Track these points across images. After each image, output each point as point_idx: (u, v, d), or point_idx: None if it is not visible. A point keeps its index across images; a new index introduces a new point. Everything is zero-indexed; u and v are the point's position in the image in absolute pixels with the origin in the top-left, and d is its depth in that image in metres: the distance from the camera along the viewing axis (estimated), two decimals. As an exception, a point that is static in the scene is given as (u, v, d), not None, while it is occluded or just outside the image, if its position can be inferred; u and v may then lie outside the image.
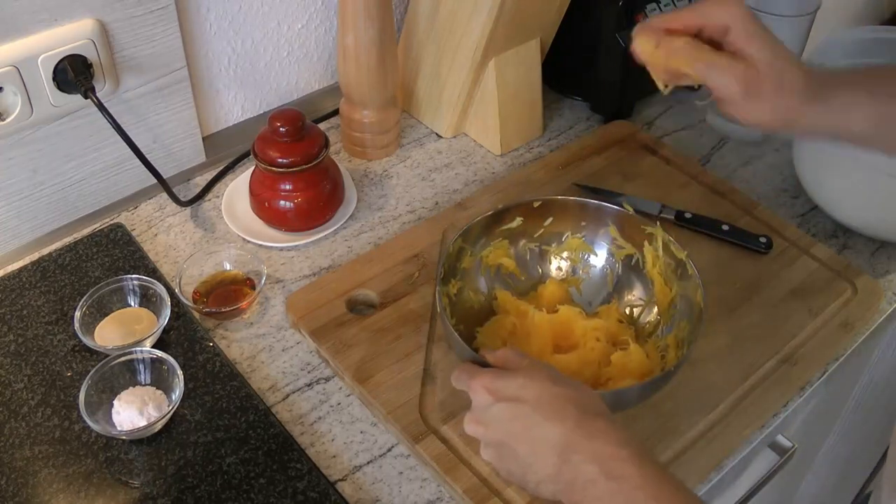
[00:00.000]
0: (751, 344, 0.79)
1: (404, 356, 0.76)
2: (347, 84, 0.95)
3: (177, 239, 0.89)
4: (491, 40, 0.94)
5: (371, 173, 0.99)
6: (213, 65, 0.95)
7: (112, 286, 0.78)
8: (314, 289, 0.81)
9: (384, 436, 0.72)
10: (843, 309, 0.83)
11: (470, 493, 0.66)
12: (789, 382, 0.76)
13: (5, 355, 0.76)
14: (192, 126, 0.93)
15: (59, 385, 0.74)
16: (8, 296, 0.81)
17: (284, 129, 0.84)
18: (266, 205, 0.88)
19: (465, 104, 1.01)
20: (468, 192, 0.96)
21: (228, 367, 0.76)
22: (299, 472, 0.68)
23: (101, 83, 0.81)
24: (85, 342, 0.74)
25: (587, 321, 0.77)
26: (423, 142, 1.04)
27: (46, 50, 0.76)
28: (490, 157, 1.02)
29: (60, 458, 0.68)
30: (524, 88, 1.02)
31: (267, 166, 0.85)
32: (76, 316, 0.75)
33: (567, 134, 1.06)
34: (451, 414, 0.71)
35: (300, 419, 0.73)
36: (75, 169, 0.86)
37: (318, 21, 1.02)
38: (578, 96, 1.11)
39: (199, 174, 0.97)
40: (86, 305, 0.76)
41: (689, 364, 0.77)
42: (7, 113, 0.77)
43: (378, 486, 0.69)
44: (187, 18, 0.89)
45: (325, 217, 0.90)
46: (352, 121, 0.97)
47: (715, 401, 0.74)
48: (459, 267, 0.78)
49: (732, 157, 1.04)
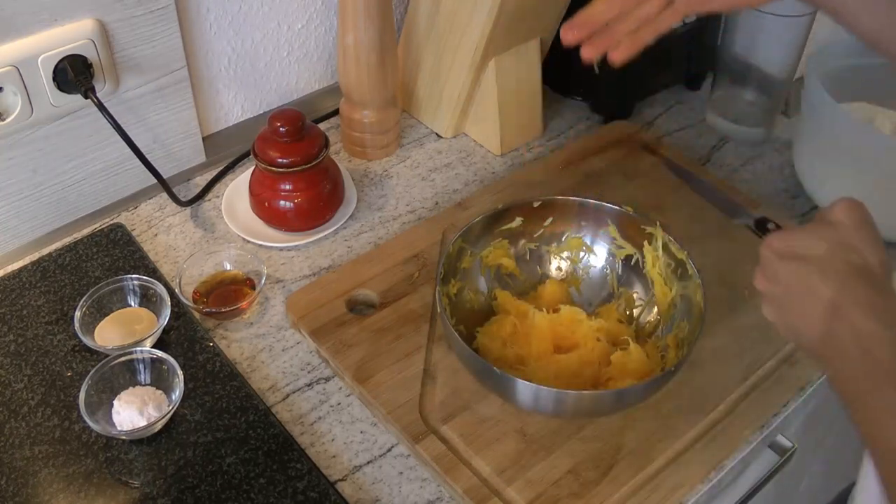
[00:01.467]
0: (751, 344, 0.79)
1: (404, 356, 0.76)
2: (347, 84, 0.95)
3: (177, 239, 0.89)
4: (491, 40, 0.94)
5: (371, 173, 0.99)
6: (213, 65, 0.95)
7: (112, 286, 0.78)
8: (314, 289, 0.81)
9: (384, 436, 0.72)
10: (843, 309, 0.82)
11: (470, 493, 0.66)
12: (789, 382, 0.76)
13: (5, 355, 0.76)
14: (192, 126, 0.93)
15: (59, 385, 0.74)
16: (8, 296, 0.81)
17: (284, 129, 0.84)
18: (266, 205, 0.88)
19: (465, 104, 1.01)
20: (468, 192, 0.96)
21: (228, 367, 0.76)
22: (299, 472, 0.68)
23: (101, 83, 0.81)
24: (85, 342, 0.74)
25: (587, 321, 0.77)
26: (423, 142, 1.04)
27: (46, 50, 0.76)
28: (490, 157, 1.02)
29: (60, 458, 0.68)
30: (524, 88, 1.02)
31: (267, 166, 0.85)
32: (76, 316, 0.75)
33: (567, 134, 1.06)
34: (451, 414, 0.71)
35: (300, 419, 0.73)
36: (75, 169, 0.86)
37: (318, 21, 1.02)
38: (578, 96, 1.10)
39: (199, 174, 0.97)
40: (86, 305, 0.76)
41: (689, 364, 0.76)
42: (7, 113, 0.77)
43: (378, 486, 0.69)
44: (187, 18, 0.89)
45: (325, 217, 0.90)
46: (352, 121, 0.97)
47: (715, 401, 0.74)
48: (459, 267, 0.78)
49: (732, 157, 1.04)
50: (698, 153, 1.04)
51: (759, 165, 1.03)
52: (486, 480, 0.67)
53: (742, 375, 0.76)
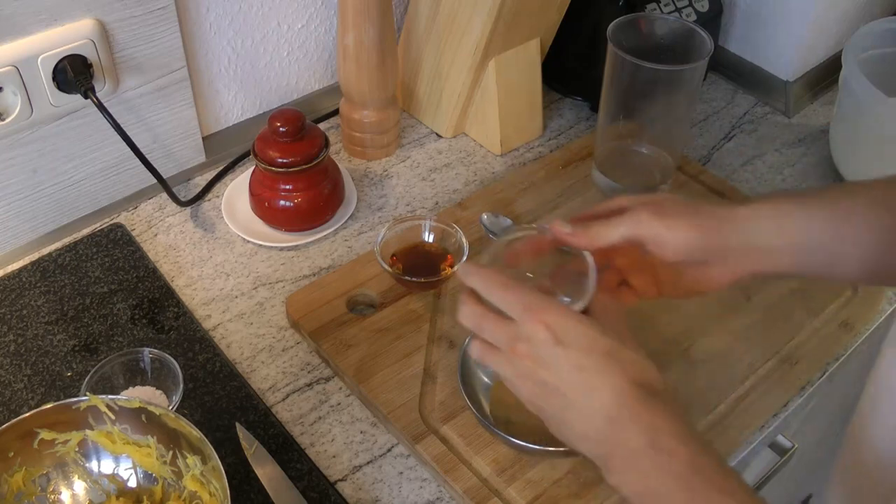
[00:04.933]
0: (751, 344, 0.79)
1: (404, 356, 0.76)
2: (347, 84, 0.95)
3: (177, 239, 0.89)
4: (491, 40, 0.94)
5: (371, 173, 0.99)
6: (212, 65, 0.95)
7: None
8: (314, 289, 0.81)
9: (384, 436, 0.72)
10: (843, 309, 0.83)
11: (470, 493, 0.66)
12: (789, 382, 0.76)
13: (5, 355, 0.76)
14: (192, 126, 0.93)
15: (59, 385, 0.74)
16: (8, 296, 0.81)
17: (284, 129, 0.84)
18: (266, 205, 0.88)
19: (465, 104, 1.01)
20: (468, 192, 0.96)
21: (228, 367, 0.76)
22: (299, 472, 0.68)
23: (100, 83, 0.81)
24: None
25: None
26: (423, 142, 1.04)
27: (46, 50, 0.76)
28: (490, 157, 1.02)
29: (60, 459, 0.68)
30: (524, 88, 1.02)
31: (267, 166, 0.85)
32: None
33: (567, 134, 1.06)
34: (451, 414, 0.71)
35: (300, 419, 0.73)
36: (75, 169, 0.86)
37: (318, 21, 1.02)
38: (578, 96, 1.10)
39: (199, 174, 0.97)
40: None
41: (689, 364, 0.77)
42: (7, 113, 0.77)
43: (378, 486, 0.69)
44: (187, 18, 0.89)
45: (325, 217, 0.90)
46: (352, 121, 0.97)
47: (715, 401, 0.74)
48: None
49: (732, 157, 1.04)
50: (698, 153, 1.04)
51: (759, 165, 1.03)
52: (486, 480, 0.67)
53: (742, 375, 0.76)
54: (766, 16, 1.09)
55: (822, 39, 1.10)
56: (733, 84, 1.15)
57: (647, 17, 0.91)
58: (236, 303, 0.83)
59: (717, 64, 1.15)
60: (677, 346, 0.78)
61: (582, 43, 1.04)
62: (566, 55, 1.06)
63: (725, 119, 1.10)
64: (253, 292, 0.84)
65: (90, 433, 0.63)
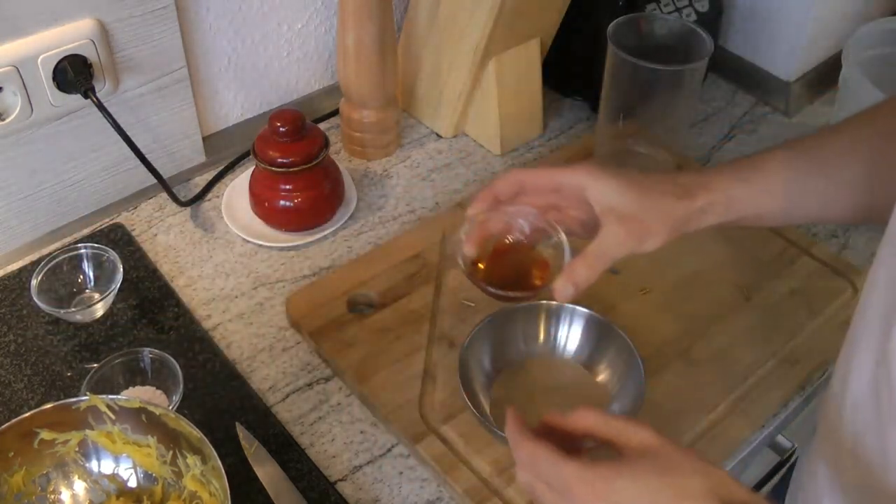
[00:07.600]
0: (751, 344, 0.79)
1: (404, 356, 0.76)
2: (347, 84, 0.95)
3: (177, 239, 0.89)
4: (491, 40, 0.94)
5: (371, 173, 0.99)
6: (212, 65, 0.95)
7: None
8: (314, 289, 0.81)
9: (384, 436, 0.72)
10: (843, 309, 0.82)
11: (470, 493, 0.66)
12: (789, 382, 0.76)
13: (5, 355, 0.76)
14: (192, 126, 0.93)
15: (59, 385, 0.74)
16: (8, 296, 0.81)
17: (284, 129, 0.84)
18: (266, 205, 0.88)
19: (465, 104, 1.01)
20: (468, 192, 0.96)
21: (228, 368, 0.76)
22: (299, 472, 0.68)
23: (100, 83, 0.81)
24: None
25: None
26: (423, 142, 1.04)
27: (46, 50, 0.76)
28: (490, 157, 1.02)
29: (60, 459, 0.68)
30: (524, 88, 1.02)
31: (267, 166, 0.85)
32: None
33: (567, 134, 1.06)
34: (451, 414, 0.71)
35: (300, 419, 0.73)
36: (75, 169, 0.86)
37: (318, 21, 1.02)
38: (578, 96, 1.10)
39: (199, 174, 0.97)
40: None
41: (689, 364, 0.77)
42: (7, 113, 0.77)
43: (378, 486, 0.69)
44: (187, 18, 0.89)
45: (325, 217, 0.90)
46: (352, 121, 0.97)
47: (715, 401, 0.74)
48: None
49: (732, 157, 1.04)
50: (698, 153, 1.04)
51: (759, 165, 1.03)
52: (486, 480, 0.67)
53: (742, 375, 0.76)
54: (766, 16, 1.09)
55: (822, 39, 1.10)
56: (733, 84, 1.15)
57: (647, 17, 0.91)
58: (236, 303, 0.83)
59: (717, 64, 1.14)
60: (677, 346, 0.78)
61: (582, 43, 1.04)
62: (566, 55, 1.06)
63: (725, 119, 1.10)
64: (253, 292, 0.84)
65: (90, 433, 0.63)
